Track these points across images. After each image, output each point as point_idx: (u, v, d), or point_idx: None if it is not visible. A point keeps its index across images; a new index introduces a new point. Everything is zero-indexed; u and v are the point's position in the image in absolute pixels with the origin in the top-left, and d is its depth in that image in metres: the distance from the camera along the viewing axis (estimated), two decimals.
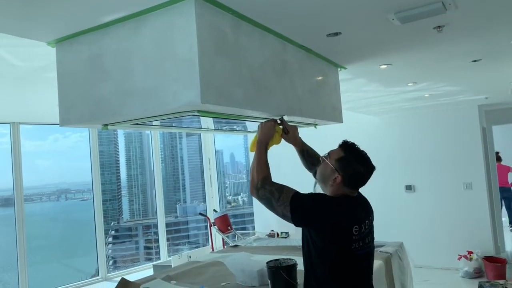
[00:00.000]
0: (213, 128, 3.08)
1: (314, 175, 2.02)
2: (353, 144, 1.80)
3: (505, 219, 7.37)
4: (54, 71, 1.98)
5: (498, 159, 7.52)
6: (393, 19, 2.00)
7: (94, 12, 1.66)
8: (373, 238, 1.82)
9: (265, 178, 1.77)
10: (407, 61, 2.94)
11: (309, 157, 2.19)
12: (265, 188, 1.74)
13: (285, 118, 2.20)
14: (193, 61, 1.54)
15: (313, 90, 2.54)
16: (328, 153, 1.82)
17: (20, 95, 3.54)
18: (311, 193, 1.77)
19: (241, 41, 1.82)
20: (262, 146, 1.92)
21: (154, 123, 2.34)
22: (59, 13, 1.63)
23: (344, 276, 1.71)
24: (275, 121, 2.07)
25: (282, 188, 1.73)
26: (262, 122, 2.03)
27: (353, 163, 1.73)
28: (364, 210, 1.81)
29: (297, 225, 1.72)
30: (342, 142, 1.81)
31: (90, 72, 1.84)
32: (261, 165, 1.82)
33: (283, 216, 1.70)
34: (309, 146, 2.24)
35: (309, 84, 2.50)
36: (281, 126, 2.13)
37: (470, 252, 5.31)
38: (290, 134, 2.15)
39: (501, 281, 3.65)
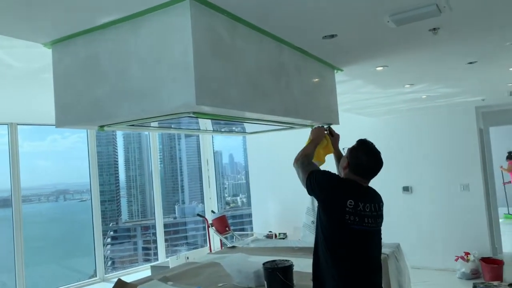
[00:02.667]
0: (212, 129, 3.09)
1: None
2: (366, 140, 2.07)
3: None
4: (51, 72, 1.98)
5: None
6: (388, 21, 2.01)
7: (90, 13, 1.67)
8: (377, 224, 1.98)
9: (307, 155, 2.21)
10: (403, 63, 2.95)
11: None
12: (303, 161, 2.15)
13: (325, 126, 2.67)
14: (189, 63, 1.55)
15: (309, 92, 2.55)
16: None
17: (18, 96, 3.54)
18: (326, 171, 2.05)
19: (237, 43, 1.83)
20: (312, 143, 2.40)
21: (152, 124, 2.35)
22: (55, 14, 1.64)
23: (341, 247, 1.92)
24: (323, 128, 2.58)
25: (310, 164, 2.13)
26: (313, 128, 2.58)
27: (358, 152, 2.01)
28: (369, 196, 1.98)
29: (308, 190, 2.03)
30: (360, 139, 2.09)
31: (86, 74, 1.84)
32: (308, 150, 2.29)
33: (303, 182, 2.07)
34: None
35: (305, 86, 2.51)
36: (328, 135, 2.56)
37: (467, 253, 5.32)
38: (335, 137, 2.60)
39: (495, 282, 3.66)
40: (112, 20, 1.72)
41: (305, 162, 2.14)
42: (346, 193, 1.92)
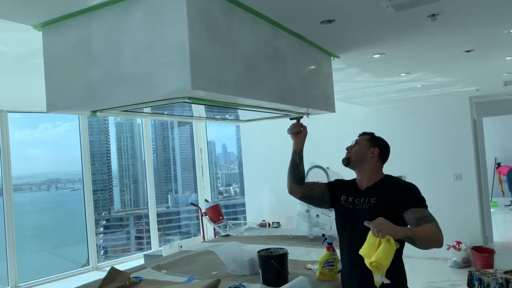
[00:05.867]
0: (205, 116, 3.05)
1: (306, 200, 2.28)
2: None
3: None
4: (42, 57, 1.92)
5: None
6: (387, 6, 1.98)
7: None
8: None
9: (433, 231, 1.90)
10: (400, 50, 2.92)
11: (298, 170, 2.27)
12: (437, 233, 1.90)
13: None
14: (184, 46, 1.51)
15: (306, 78, 2.52)
16: (356, 141, 2.14)
17: (7, 82, 3.46)
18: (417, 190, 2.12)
19: (233, 27, 1.79)
20: (400, 232, 1.78)
21: (145, 110, 2.30)
22: None
23: None
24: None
25: (430, 215, 2.03)
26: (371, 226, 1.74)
27: (382, 140, 2.18)
28: None
29: None
30: (362, 132, 2.18)
31: (78, 57, 1.79)
32: (425, 233, 1.86)
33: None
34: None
35: (302, 72, 2.47)
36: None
37: (459, 243, 5.37)
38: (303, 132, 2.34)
39: (491, 270, 3.69)
40: (105, 1, 1.66)
41: (435, 223, 1.95)
42: None
